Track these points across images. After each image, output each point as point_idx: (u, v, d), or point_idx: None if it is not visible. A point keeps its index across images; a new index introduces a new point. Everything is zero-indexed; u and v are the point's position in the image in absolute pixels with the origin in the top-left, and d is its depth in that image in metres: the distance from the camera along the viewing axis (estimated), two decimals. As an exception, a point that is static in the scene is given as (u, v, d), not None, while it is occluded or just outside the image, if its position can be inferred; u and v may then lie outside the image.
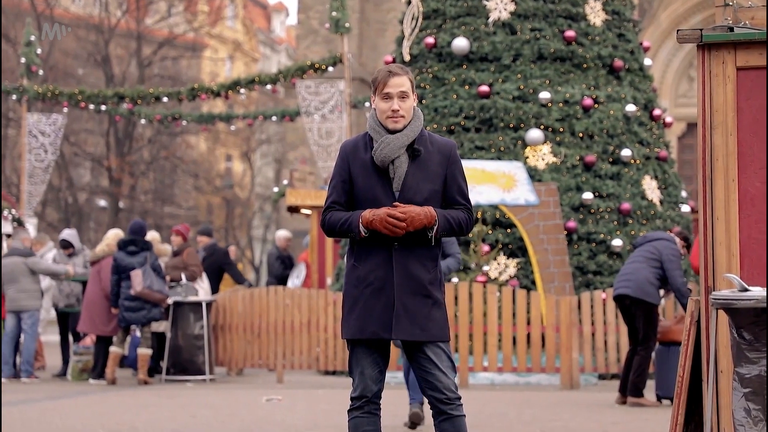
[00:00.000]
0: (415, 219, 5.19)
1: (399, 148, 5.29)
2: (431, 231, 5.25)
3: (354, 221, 5.26)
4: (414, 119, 5.37)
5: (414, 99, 5.38)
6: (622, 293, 11.45)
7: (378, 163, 5.29)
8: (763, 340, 5.17)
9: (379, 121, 5.35)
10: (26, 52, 23.78)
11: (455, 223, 5.32)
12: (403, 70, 5.35)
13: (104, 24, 42.08)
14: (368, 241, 5.28)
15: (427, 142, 5.37)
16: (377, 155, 5.29)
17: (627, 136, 16.14)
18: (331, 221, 5.34)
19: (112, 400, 12.28)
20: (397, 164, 5.29)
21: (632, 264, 11.55)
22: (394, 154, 5.28)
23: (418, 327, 5.25)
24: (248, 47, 63.62)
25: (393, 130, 5.31)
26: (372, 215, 5.21)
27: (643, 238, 11.75)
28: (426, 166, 5.32)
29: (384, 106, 5.33)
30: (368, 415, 5.26)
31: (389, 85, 5.31)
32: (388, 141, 5.29)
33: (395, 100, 5.30)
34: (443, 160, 5.36)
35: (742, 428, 5.22)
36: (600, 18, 16.42)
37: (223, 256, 17.44)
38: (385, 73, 5.34)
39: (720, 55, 6.03)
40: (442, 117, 15.94)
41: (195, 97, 23.33)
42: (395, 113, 5.30)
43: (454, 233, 5.36)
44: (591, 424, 9.79)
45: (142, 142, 43.28)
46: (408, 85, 5.33)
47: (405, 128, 5.33)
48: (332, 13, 21.65)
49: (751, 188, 5.99)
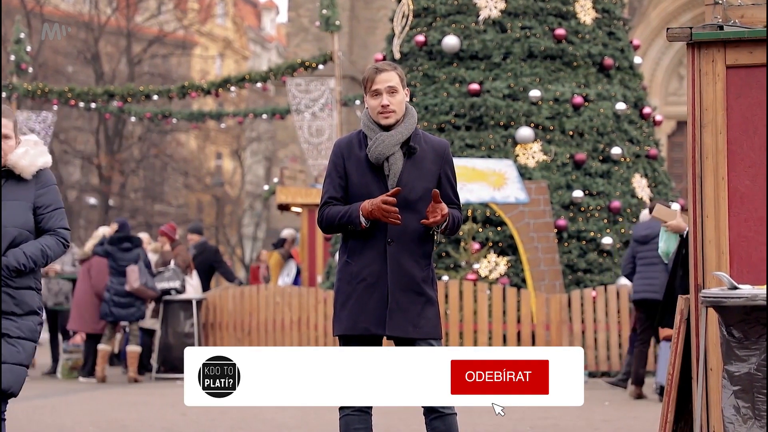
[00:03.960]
0: (443, 215, 5.23)
1: (394, 145, 5.30)
2: (438, 228, 5.29)
3: (354, 212, 5.26)
4: (408, 117, 5.38)
5: (405, 94, 5.39)
6: (650, 298, 11.47)
7: (373, 160, 5.29)
8: (753, 338, 5.18)
9: (372, 119, 5.36)
10: (16, 49, 23.73)
11: (451, 221, 5.36)
12: (390, 66, 5.37)
13: (94, 21, 41.99)
14: (362, 237, 5.29)
15: (421, 141, 5.39)
16: (372, 152, 5.29)
17: (617, 134, 16.16)
18: (330, 215, 5.34)
19: (102, 398, 12.27)
20: (392, 161, 5.30)
21: (651, 266, 11.56)
22: (388, 151, 5.29)
23: (411, 324, 5.25)
24: (238, 45, 63.53)
25: (386, 126, 5.32)
26: (371, 205, 5.22)
27: (646, 236, 11.72)
28: (421, 165, 5.33)
29: (374, 103, 5.34)
30: (359, 413, 5.25)
31: (377, 81, 5.33)
32: (383, 138, 5.30)
33: (384, 96, 5.32)
34: (437, 159, 5.37)
35: (732, 426, 5.23)
36: (590, 16, 16.43)
37: (214, 254, 17.43)
38: (373, 70, 5.37)
39: (710, 53, 6.04)
40: (432, 115, 15.94)
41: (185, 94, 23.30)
42: (385, 108, 5.31)
43: (449, 231, 5.39)
44: (581, 421, 9.80)
45: (132, 139, 43.20)
46: (396, 80, 5.34)
47: (399, 125, 5.34)
48: (322, 11, 21.64)
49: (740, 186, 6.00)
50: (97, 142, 41.23)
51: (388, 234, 5.26)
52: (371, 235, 5.27)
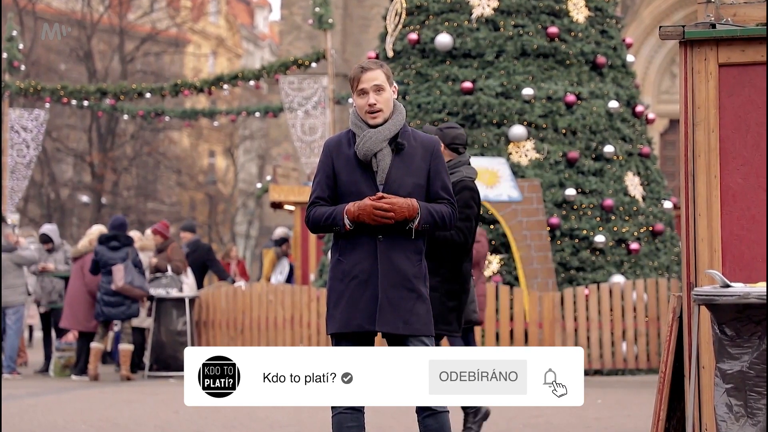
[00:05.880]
0: (400, 209, 5.20)
1: (381, 141, 5.29)
2: (413, 223, 5.25)
3: (338, 215, 5.26)
4: (395, 113, 5.37)
5: (393, 91, 5.38)
6: None
7: (361, 157, 5.29)
8: (745, 336, 5.18)
9: (360, 117, 5.36)
10: (8, 47, 23.67)
11: (438, 217, 5.32)
12: (376, 64, 5.36)
13: (86, 19, 41.94)
14: (353, 234, 5.29)
15: (410, 137, 5.38)
16: (359, 149, 5.29)
17: (610, 132, 16.17)
18: (315, 216, 5.35)
19: (94, 396, 12.25)
20: (379, 157, 5.29)
21: None
22: (376, 148, 5.29)
23: (402, 320, 5.25)
24: (231, 43, 63.47)
25: (374, 125, 5.32)
26: (357, 208, 5.21)
27: None
28: (409, 161, 5.33)
29: (361, 102, 5.34)
30: (351, 411, 5.24)
31: (362, 80, 5.33)
32: (370, 135, 5.30)
33: (371, 95, 5.32)
34: (426, 155, 5.36)
35: (724, 424, 5.24)
36: (583, 14, 16.44)
37: (207, 252, 17.41)
38: (358, 69, 5.36)
39: (702, 51, 6.04)
40: (425, 113, 15.94)
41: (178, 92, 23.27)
42: (372, 107, 5.31)
43: (437, 227, 5.36)
44: (573, 419, 9.81)
45: (125, 137, 43.17)
46: (382, 78, 5.33)
47: (386, 122, 5.34)
48: (315, 9, 21.63)
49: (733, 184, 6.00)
50: (90, 140, 41.17)
51: (379, 231, 5.26)
52: (362, 232, 5.27)
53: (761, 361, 5.14)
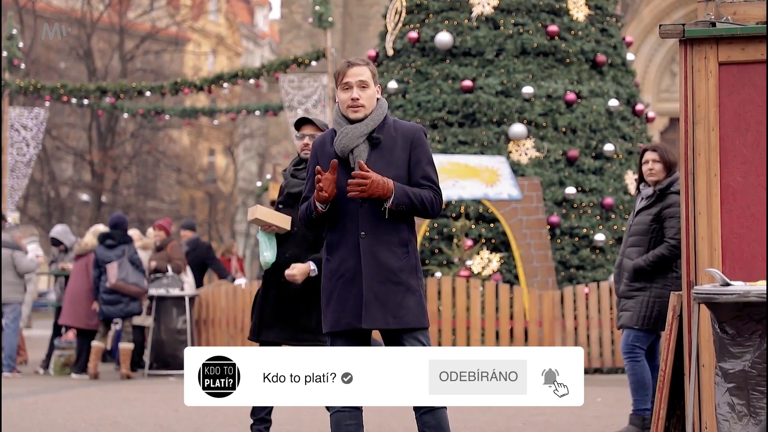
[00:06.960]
0: (374, 183, 5.17)
1: (358, 138, 5.32)
2: (387, 202, 5.23)
3: (311, 201, 5.32)
4: (375, 109, 5.39)
5: (377, 90, 5.40)
6: None
7: (339, 153, 5.33)
8: (746, 335, 5.18)
9: (341, 113, 5.39)
10: (8, 45, 23.66)
11: (417, 200, 5.26)
12: (363, 61, 5.40)
13: (86, 18, 41.93)
14: (338, 233, 5.30)
15: (390, 129, 5.38)
16: (337, 145, 5.33)
17: (609, 130, 16.17)
18: (301, 211, 5.45)
19: (94, 395, 12.24)
20: (356, 153, 5.31)
21: None
22: (352, 144, 5.31)
23: (391, 315, 5.23)
24: (231, 41, 63.46)
25: (354, 120, 5.34)
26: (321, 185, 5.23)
27: None
28: (389, 153, 5.33)
29: (344, 96, 5.36)
30: (349, 409, 5.25)
31: (348, 74, 5.35)
32: (347, 131, 5.33)
33: (355, 89, 5.34)
34: (406, 145, 5.36)
35: (727, 423, 5.23)
36: (583, 13, 16.44)
37: (206, 250, 17.40)
38: (345, 64, 5.40)
39: (702, 50, 6.04)
40: (425, 111, 15.94)
41: (178, 91, 23.24)
42: (355, 101, 5.33)
43: (416, 211, 5.29)
44: (573, 418, 9.81)
45: (125, 136, 43.16)
46: (368, 75, 5.36)
47: (366, 118, 5.35)
48: (315, 7, 21.61)
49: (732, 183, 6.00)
50: (90, 139, 41.17)
51: (360, 227, 5.27)
52: (346, 230, 5.29)
53: (763, 360, 5.13)
